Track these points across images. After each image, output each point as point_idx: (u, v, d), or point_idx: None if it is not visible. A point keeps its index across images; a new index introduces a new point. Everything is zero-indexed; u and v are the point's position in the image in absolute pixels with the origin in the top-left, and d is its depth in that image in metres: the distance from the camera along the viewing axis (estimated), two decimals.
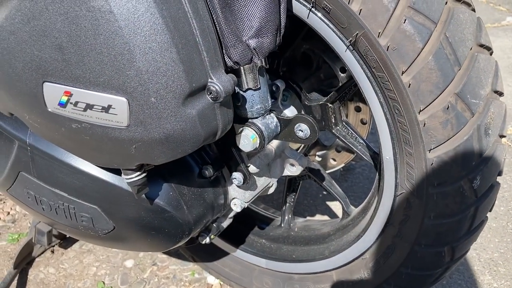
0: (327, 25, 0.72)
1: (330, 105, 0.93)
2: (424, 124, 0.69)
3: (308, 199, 1.51)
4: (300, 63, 1.00)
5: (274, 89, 0.86)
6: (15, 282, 1.28)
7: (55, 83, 0.58)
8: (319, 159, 1.13)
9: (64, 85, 0.58)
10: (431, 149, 0.71)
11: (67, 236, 1.41)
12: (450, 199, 0.73)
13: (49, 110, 0.61)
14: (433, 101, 0.67)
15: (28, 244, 1.33)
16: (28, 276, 1.32)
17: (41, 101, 0.61)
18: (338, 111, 0.95)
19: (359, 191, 1.54)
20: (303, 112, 0.95)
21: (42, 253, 1.39)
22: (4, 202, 1.63)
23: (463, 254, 0.82)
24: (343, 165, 1.12)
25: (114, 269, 1.32)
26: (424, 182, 0.74)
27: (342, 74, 0.95)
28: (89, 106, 0.58)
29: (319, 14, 0.71)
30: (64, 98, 0.59)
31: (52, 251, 1.40)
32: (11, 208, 1.60)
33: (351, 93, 0.93)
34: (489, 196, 0.76)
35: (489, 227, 1.38)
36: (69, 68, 0.56)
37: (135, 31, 0.53)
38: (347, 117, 1.04)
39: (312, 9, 0.71)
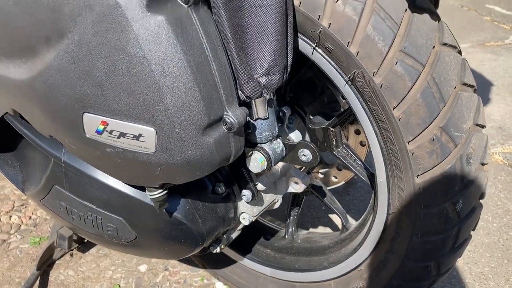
0: (329, 62, 0.81)
1: (331, 128, 1.02)
2: (413, 153, 0.78)
3: (312, 211, 1.60)
4: (305, 88, 1.09)
5: (281, 114, 0.96)
6: (37, 283, 1.37)
7: (94, 114, 0.68)
8: (322, 176, 1.23)
9: (102, 116, 0.68)
10: (418, 175, 0.80)
11: (85, 240, 1.51)
12: (435, 219, 0.82)
13: (87, 136, 0.71)
14: (420, 133, 0.77)
15: (49, 247, 1.43)
16: (49, 277, 1.42)
17: (81, 128, 0.71)
18: (339, 134, 1.04)
19: (360, 204, 1.63)
20: (307, 135, 1.05)
21: (62, 256, 1.49)
22: (25, 207, 1.74)
23: (449, 268, 0.91)
24: (343, 182, 1.22)
25: (129, 273, 1.41)
26: (413, 204, 0.83)
27: (343, 100, 1.04)
28: (122, 134, 0.68)
29: (322, 53, 0.81)
30: (101, 127, 0.69)
31: (71, 255, 1.50)
32: (32, 213, 1.70)
33: (351, 118, 1.03)
34: (471, 217, 0.84)
35: (481, 242, 1.47)
36: (107, 102, 0.66)
37: (164, 73, 0.63)
38: (347, 139, 1.13)
39: (316, 48, 0.81)
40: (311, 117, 1.06)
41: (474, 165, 0.80)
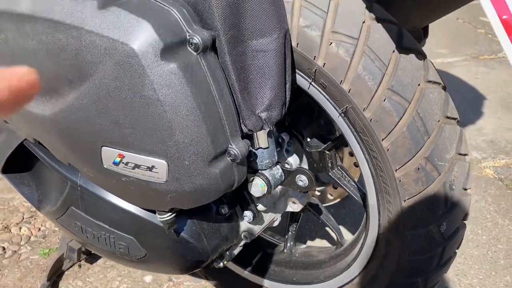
0: (324, 96, 0.89)
1: (327, 152, 1.10)
2: (400, 180, 0.86)
3: (309, 225, 1.68)
4: (303, 112, 1.17)
5: (280, 140, 1.03)
6: None
7: (111, 147, 0.76)
8: (318, 193, 1.30)
9: (119, 149, 0.75)
10: (405, 200, 0.87)
11: (92, 252, 1.58)
12: (421, 239, 0.90)
13: (105, 166, 0.78)
14: (406, 162, 0.84)
15: (59, 259, 1.50)
16: (59, 287, 1.49)
17: (99, 159, 0.78)
18: (334, 157, 1.11)
19: (355, 217, 1.71)
20: (304, 157, 1.12)
21: (71, 267, 1.56)
22: (35, 218, 1.81)
23: (435, 284, 0.98)
24: (339, 199, 1.29)
25: (135, 284, 1.48)
26: (401, 225, 0.90)
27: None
28: (137, 166, 0.76)
29: (317, 88, 0.89)
30: (118, 159, 0.76)
31: (79, 266, 1.57)
32: (41, 224, 1.78)
33: (345, 142, 1.10)
34: (455, 238, 0.92)
35: (471, 255, 1.54)
36: (124, 138, 0.74)
37: (176, 113, 0.71)
38: (342, 161, 1.21)
39: (312, 83, 0.89)
40: (309, 139, 1.13)
41: (456, 191, 0.88)
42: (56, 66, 0.74)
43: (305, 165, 1.10)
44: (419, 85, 0.84)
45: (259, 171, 0.90)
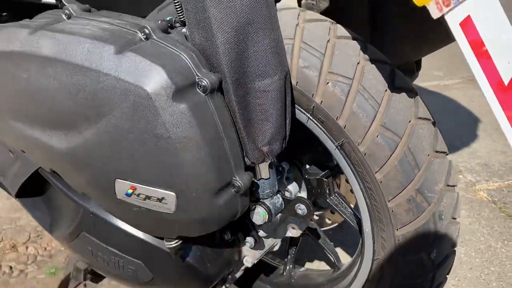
0: (321, 129, 0.95)
1: (325, 179, 1.16)
2: (392, 210, 0.92)
3: (308, 247, 1.72)
4: (302, 141, 1.23)
5: (280, 169, 1.10)
6: None
7: (124, 180, 0.82)
8: (317, 218, 1.36)
9: (131, 182, 0.81)
10: (398, 228, 0.93)
11: (98, 273, 1.63)
12: (413, 266, 0.95)
13: (118, 197, 0.84)
14: (398, 194, 0.90)
15: (65, 278, 1.55)
16: None
17: (112, 191, 0.84)
18: (332, 184, 1.17)
19: (352, 240, 1.75)
20: (303, 184, 1.18)
21: (77, 286, 1.61)
22: (41, 238, 1.86)
23: None
24: (336, 224, 1.35)
25: None
26: (393, 252, 0.96)
27: None
28: (148, 197, 0.82)
29: (315, 122, 0.95)
30: (130, 191, 0.82)
31: (85, 285, 1.61)
32: (47, 244, 1.82)
33: (342, 171, 1.16)
34: (445, 264, 0.97)
35: (464, 277, 1.59)
36: (136, 171, 0.80)
37: (185, 149, 0.77)
38: (339, 187, 1.27)
39: (310, 118, 0.95)
40: (308, 166, 1.19)
41: (445, 220, 0.93)
42: (75, 104, 0.81)
43: (304, 192, 1.16)
44: (410, 121, 0.90)
45: (261, 200, 0.96)
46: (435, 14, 0.68)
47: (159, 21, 0.94)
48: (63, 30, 0.83)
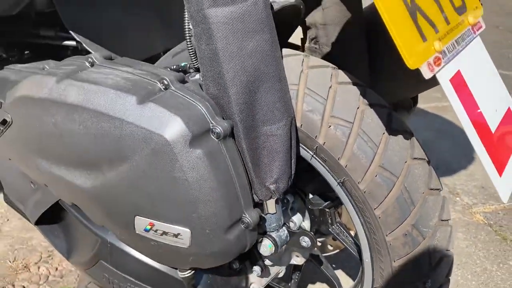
0: (324, 167, 1.03)
1: (327, 210, 1.23)
2: (390, 243, 0.99)
3: (310, 271, 1.79)
4: (306, 172, 1.30)
5: (285, 201, 1.17)
6: None
7: (143, 217, 0.89)
8: (319, 244, 1.43)
9: (150, 219, 0.89)
10: (395, 260, 1.00)
11: None
12: None
13: (137, 232, 0.92)
14: (395, 229, 0.97)
15: None
16: None
17: (132, 226, 0.91)
18: (334, 214, 1.24)
19: (353, 265, 1.82)
20: (307, 214, 1.25)
21: None
22: (52, 258, 1.92)
23: None
24: (338, 250, 1.42)
25: None
26: (391, 281, 1.03)
27: None
28: (165, 233, 0.89)
29: (319, 160, 1.02)
30: (148, 227, 0.90)
31: None
32: (58, 264, 1.89)
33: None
34: None
35: None
36: (155, 209, 0.87)
37: (200, 190, 0.84)
38: (340, 217, 1.34)
39: (313, 156, 1.03)
40: (311, 197, 1.27)
41: (440, 252, 1.01)
42: (99, 147, 0.88)
43: (307, 221, 1.24)
44: (406, 162, 0.98)
45: (268, 233, 1.03)
46: (427, 75, 0.76)
47: (174, 66, 1.02)
48: (88, 80, 0.91)
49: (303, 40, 1.22)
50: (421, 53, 0.77)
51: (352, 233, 1.33)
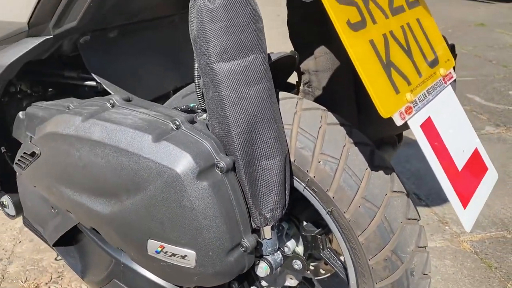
0: (314, 198, 1.16)
1: (319, 236, 1.35)
2: (372, 267, 1.11)
3: None
4: (299, 200, 1.43)
5: (280, 228, 1.30)
6: None
7: (155, 240, 1.02)
8: (312, 268, 1.54)
9: (161, 242, 1.02)
10: (377, 282, 1.12)
11: None
12: None
13: (148, 253, 1.05)
14: (377, 254, 1.10)
15: None
16: None
17: (145, 248, 1.04)
18: (325, 240, 1.36)
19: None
20: (301, 240, 1.38)
21: None
22: (61, 278, 2.03)
23: None
24: (329, 274, 1.53)
25: None
26: None
27: None
28: (173, 254, 1.02)
29: (310, 192, 1.16)
30: (159, 249, 1.02)
31: None
32: (68, 284, 2.00)
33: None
34: None
35: None
36: (165, 234, 1.00)
37: (205, 217, 0.97)
38: (331, 243, 1.46)
39: (305, 188, 1.16)
40: (304, 223, 1.39)
41: (416, 276, 1.13)
42: (118, 178, 1.02)
43: (301, 246, 1.36)
44: (386, 194, 1.11)
45: (264, 256, 1.16)
46: (398, 122, 0.90)
47: (184, 106, 1.17)
48: (110, 120, 1.05)
49: (298, 84, 1.37)
50: (394, 103, 0.91)
51: (342, 258, 1.46)
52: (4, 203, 1.64)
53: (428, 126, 0.98)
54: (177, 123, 1.02)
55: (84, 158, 1.06)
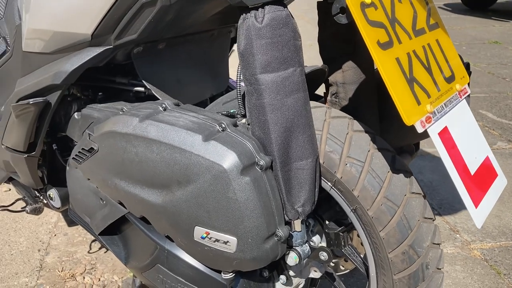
0: (340, 196, 1.29)
1: (341, 233, 1.48)
2: (391, 260, 1.24)
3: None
4: (324, 201, 1.57)
5: (307, 224, 1.43)
6: None
7: (201, 227, 1.17)
8: (333, 264, 1.67)
9: (206, 228, 1.16)
10: (395, 274, 1.25)
11: None
12: None
13: (195, 239, 1.19)
14: (396, 248, 1.23)
15: None
16: None
17: (191, 234, 1.19)
18: (346, 238, 1.50)
19: (360, 284, 2.05)
20: (324, 237, 1.51)
21: None
22: (94, 270, 2.18)
23: None
24: (348, 270, 1.66)
25: None
26: None
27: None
28: (217, 240, 1.16)
29: (336, 191, 1.29)
30: (205, 235, 1.17)
31: None
32: (101, 275, 2.15)
33: (354, 227, 1.49)
34: None
35: None
36: (211, 221, 1.15)
37: (246, 207, 1.12)
38: (351, 240, 1.59)
39: (332, 187, 1.30)
40: (327, 222, 1.53)
41: (431, 269, 1.25)
42: (171, 172, 1.17)
43: (324, 243, 1.49)
44: (405, 195, 1.24)
45: (294, 247, 1.29)
46: (419, 129, 1.04)
47: (225, 112, 1.32)
48: (164, 121, 1.20)
49: (325, 94, 1.51)
50: (416, 113, 1.05)
51: (361, 255, 1.58)
52: (51, 195, 1.80)
53: (445, 134, 1.11)
54: (223, 125, 1.17)
55: (140, 154, 1.21)
